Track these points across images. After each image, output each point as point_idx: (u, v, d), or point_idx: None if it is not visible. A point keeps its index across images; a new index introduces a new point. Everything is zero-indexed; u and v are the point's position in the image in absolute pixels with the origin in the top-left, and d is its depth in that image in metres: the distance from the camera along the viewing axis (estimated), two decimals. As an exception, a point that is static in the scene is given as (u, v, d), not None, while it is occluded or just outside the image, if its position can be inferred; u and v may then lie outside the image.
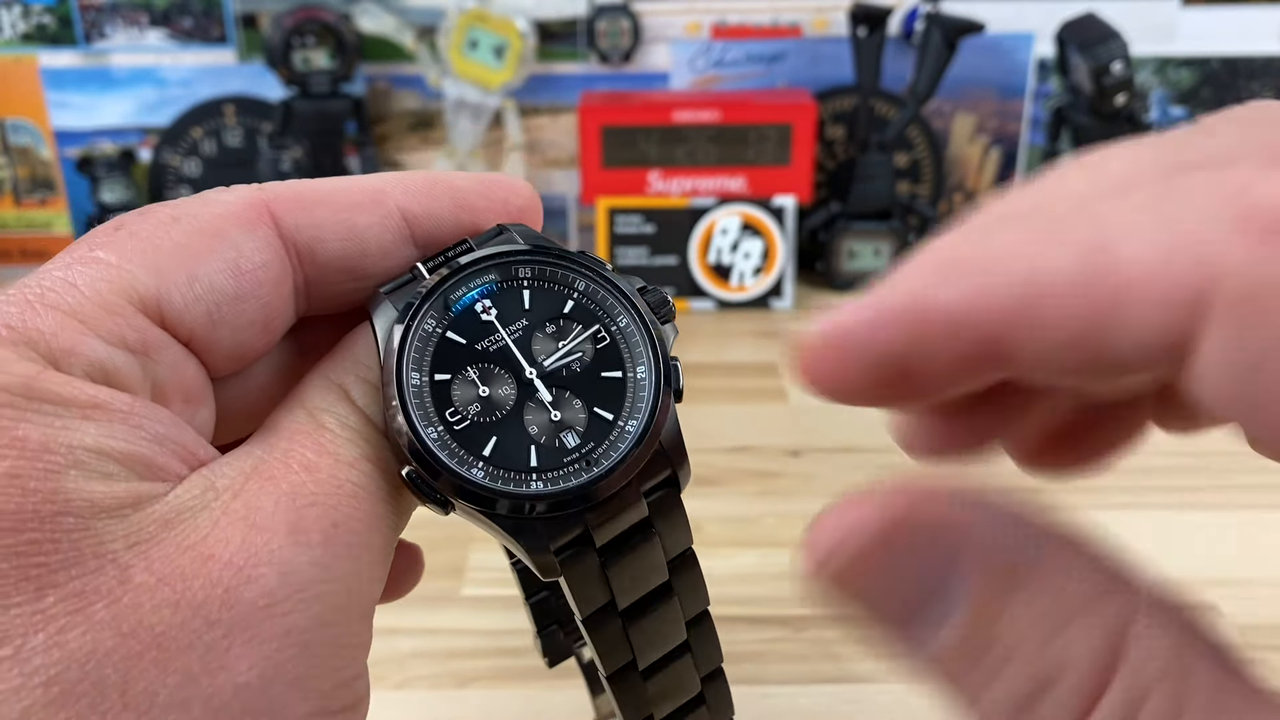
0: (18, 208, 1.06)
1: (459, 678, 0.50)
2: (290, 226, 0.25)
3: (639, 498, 0.25)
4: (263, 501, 0.21)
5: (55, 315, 0.21)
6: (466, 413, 0.24)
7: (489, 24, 0.98)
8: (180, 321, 0.23)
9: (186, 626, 0.19)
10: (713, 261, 0.97)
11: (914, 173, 1.05)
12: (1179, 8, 1.01)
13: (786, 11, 1.02)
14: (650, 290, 0.27)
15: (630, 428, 0.25)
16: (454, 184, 0.27)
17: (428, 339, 0.25)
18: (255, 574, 0.20)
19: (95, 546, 0.19)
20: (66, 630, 0.18)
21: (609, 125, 0.94)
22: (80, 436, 0.20)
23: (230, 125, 1.03)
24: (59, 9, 1.01)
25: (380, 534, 0.23)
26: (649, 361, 0.26)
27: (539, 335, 0.26)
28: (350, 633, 0.22)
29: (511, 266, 0.26)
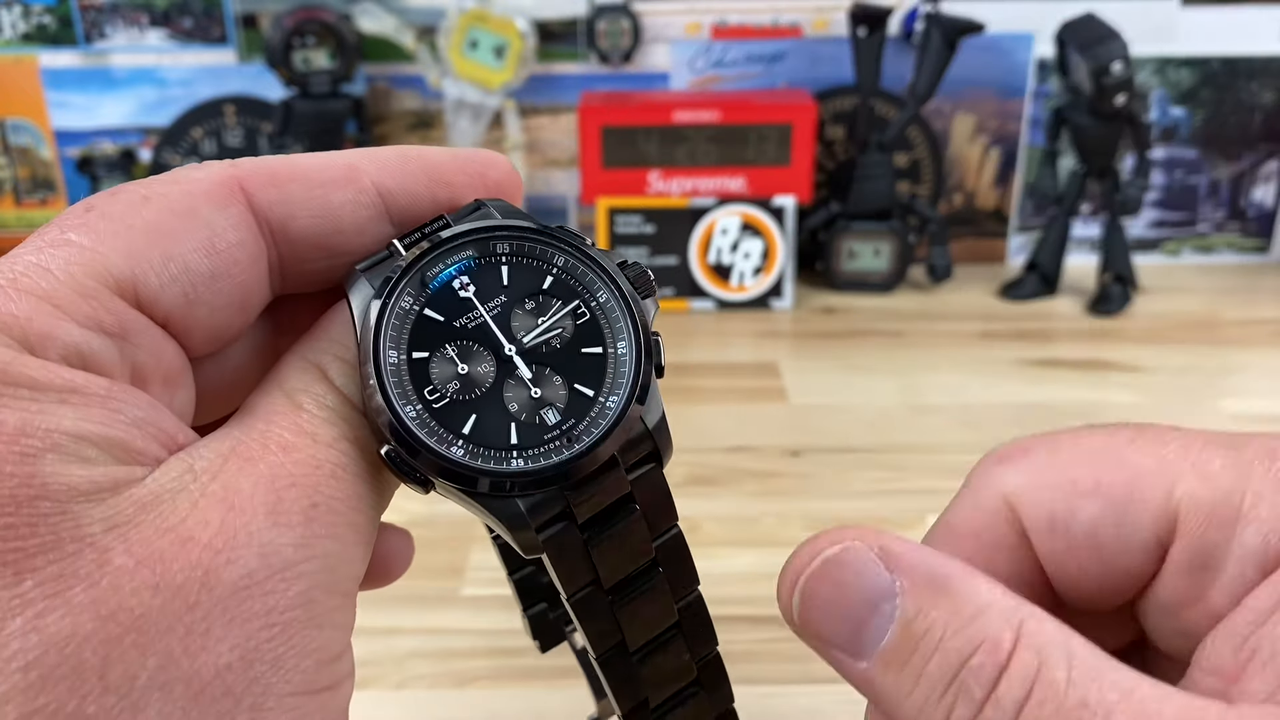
0: (18, 208, 1.06)
1: (459, 678, 0.50)
2: (263, 203, 0.25)
3: (621, 474, 0.25)
4: (241, 483, 0.21)
5: (29, 300, 0.21)
6: (445, 390, 0.24)
7: (489, 24, 0.98)
8: (156, 303, 0.23)
9: (166, 609, 0.19)
10: (713, 261, 0.97)
11: (914, 173, 1.05)
12: (1179, 8, 1.01)
13: (786, 11, 1.02)
14: (630, 265, 0.26)
15: (611, 403, 0.25)
16: (429, 159, 0.27)
17: (405, 316, 0.24)
18: (234, 555, 0.20)
19: (73, 530, 0.19)
20: (45, 614, 0.18)
21: (609, 125, 0.94)
22: (57, 421, 0.20)
23: (230, 125, 1.04)
24: (59, 9, 1.01)
25: (361, 513, 0.23)
26: (629, 336, 0.25)
27: (518, 312, 0.25)
28: (332, 612, 0.22)
29: (490, 242, 0.26)
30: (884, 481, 0.67)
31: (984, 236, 1.09)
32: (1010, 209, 1.08)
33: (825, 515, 0.63)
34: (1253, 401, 0.80)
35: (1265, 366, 0.86)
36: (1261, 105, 1.04)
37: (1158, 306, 0.98)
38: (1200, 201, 1.08)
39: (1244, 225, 1.08)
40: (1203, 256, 1.09)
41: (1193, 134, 1.05)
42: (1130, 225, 1.05)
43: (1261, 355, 0.88)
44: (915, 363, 0.86)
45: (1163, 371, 0.84)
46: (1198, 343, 0.90)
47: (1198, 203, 1.08)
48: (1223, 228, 1.09)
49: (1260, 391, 0.82)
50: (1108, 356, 0.87)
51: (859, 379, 0.83)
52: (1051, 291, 0.99)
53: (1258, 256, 1.09)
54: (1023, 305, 0.98)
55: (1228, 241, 1.09)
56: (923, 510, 0.63)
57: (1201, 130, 1.05)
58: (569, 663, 0.50)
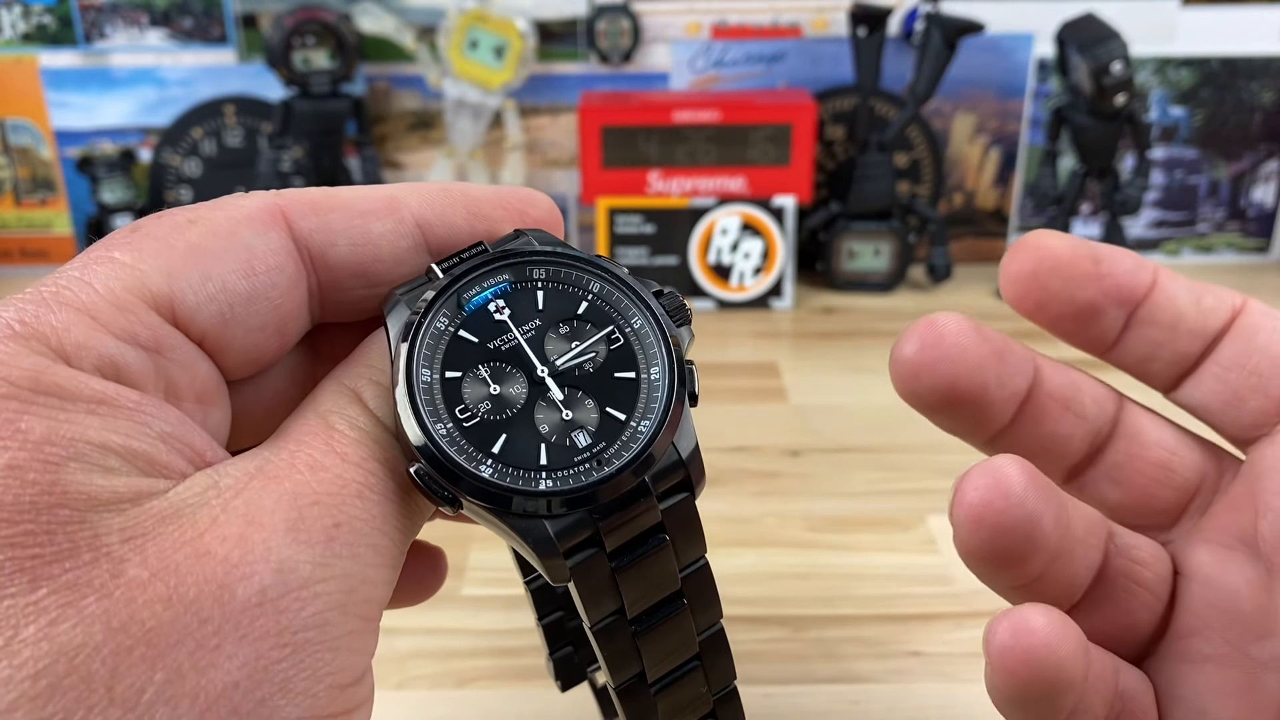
0: (18, 208, 1.06)
1: (459, 678, 0.50)
2: (304, 230, 0.25)
3: (652, 502, 0.24)
4: (264, 499, 0.21)
5: (68, 311, 0.21)
6: (477, 410, 0.24)
7: (489, 24, 0.98)
8: (193, 320, 0.23)
9: (178, 622, 0.19)
10: (713, 261, 0.97)
11: (914, 173, 1.05)
12: (1179, 8, 1.01)
13: (786, 11, 1.02)
14: (666, 294, 0.27)
15: (643, 428, 0.24)
16: (470, 194, 0.27)
17: (439, 336, 0.24)
18: (250, 570, 0.20)
19: (90, 540, 0.19)
20: (57, 623, 0.18)
21: (609, 125, 0.94)
22: (83, 430, 0.20)
23: (230, 125, 1.04)
24: (59, 9, 1.01)
25: (386, 535, 0.23)
26: (663, 363, 0.25)
27: (552, 335, 0.25)
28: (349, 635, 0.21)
29: (526, 267, 0.26)
30: (884, 481, 0.67)
31: (984, 236, 1.09)
32: (1010, 209, 1.08)
33: (825, 515, 0.63)
34: (1253, 401, 0.79)
35: (1265, 366, 0.86)
36: (1261, 105, 1.04)
37: (1158, 306, 0.97)
38: (1200, 201, 1.08)
39: (1244, 225, 1.08)
40: (1203, 256, 1.09)
41: (1193, 134, 1.05)
42: (1130, 225, 1.05)
43: (1262, 355, 0.88)
44: (915, 363, 0.86)
45: (1163, 371, 0.84)
46: (1198, 343, 0.90)
47: (1198, 203, 1.08)
48: (1223, 228, 1.09)
49: (1260, 391, 0.82)
50: (1108, 356, 0.87)
51: (859, 379, 0.83)
52: (1051, 291, 0.99)
53: (1258, 256, 1.09)
54: (1023, 305, 0.98)
55: (1228, 241, 1.09)
56: (923, 510, 0.63)
57: (1201, 130, 1.05)
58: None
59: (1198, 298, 0.27)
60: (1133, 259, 0.27)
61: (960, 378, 0.26)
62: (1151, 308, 0.27)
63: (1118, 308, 0.27)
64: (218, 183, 1.05)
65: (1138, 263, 0.27)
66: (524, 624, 0.54)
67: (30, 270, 1.07)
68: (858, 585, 0.56)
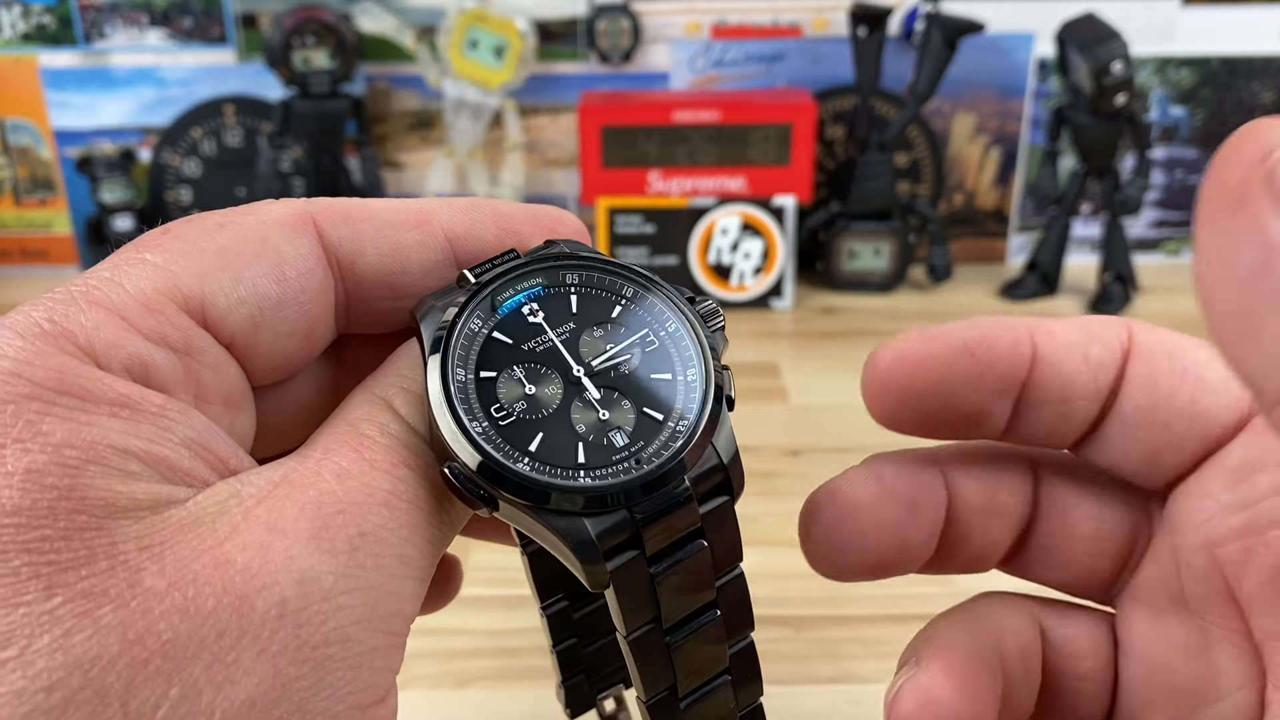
0: (18, 208, 1.06)
1: (459, 678, 0.50)
2: (333, 238, 0.25)
3: (694, 505, 0.24)
4: (287, 508, 0.20)
5: (98, 311, 0.21)
6: (512, 409, 0.24)
7: (489, 24, 0.98)
8: (223, 323, 0.23)
9: (194, 635, 0.18)
10: (713, 261, 0.97)
11: (914, 173, 1.05)
12: (1179, 8, 1.01)
13: (786, 11, 1.02)
14: (700, 300, 0.26)
15: (681, 428, 0.24)
16: (500, 209, 0.27)
17: (473, 338, 0.24)
18: (270, 581, 0.19)
19: (108, 547, 0.19)
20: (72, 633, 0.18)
21: (609, 125, 0.94)
22: (104, 434, 0.20)
23: (230, 125, 1.03)
24: (59, 9, 1.01)
25: (414, 545, 0.22)
26: (699, 365, 0.25)
27: (587, 337, 0.25)
28: (372, 652, 0.20)
29: (559, 271, 0.26)
30: (884, 481, 0.67)
31: (984, 236, 1.09)
32: (1010, 209, 1.08)
33: (825, 515, 0.63)
34: (1253, 401, 0.79)
35: (1265, 366, 0.86)
36: (1261, 105, 1.04)
37: (1158, 306, 0.98)
38: (1200, 201, 1.08)
39: (1244, 225, 1.08)
40: (1203, 256, 1.09)
41: (1193, 134, 1.05)
42: (1131, 225, 1.05)
43: (1262, 355, 0.88)
44: (915, 363, 0.86)
45: (1163, 371, 0.84)
46: (1198, 343, 0.90)
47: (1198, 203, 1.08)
48: (1223, 228, 1.08)
49: (1261, 391, 0.82)
50: (1108, 356, 0.87)
51: (859, 379, 0.83)
52: (1052, 291, 0.99)
53: (1258, 256, 1.09)
54: (1023, 305, 0.98)
55: (1228, 241, 1.09)
56: (923, 510, 0.63)
57: (1202, 130, 1.05)
58: (569, 663, 0.50)
59: (1084, 352, 0.26)
60: (1008, 333, 0.25)
61: (873, 552, 0.27)
62: (1037, 387, 0.26)
63: (1002, 398, 0.26)
64: (218, 183, 1.05)
65: (1013, 337, 0.25)
66: (524, 624, 0.54)
67: (30, 270, 1.07)
68: (858, 585, 0.56)
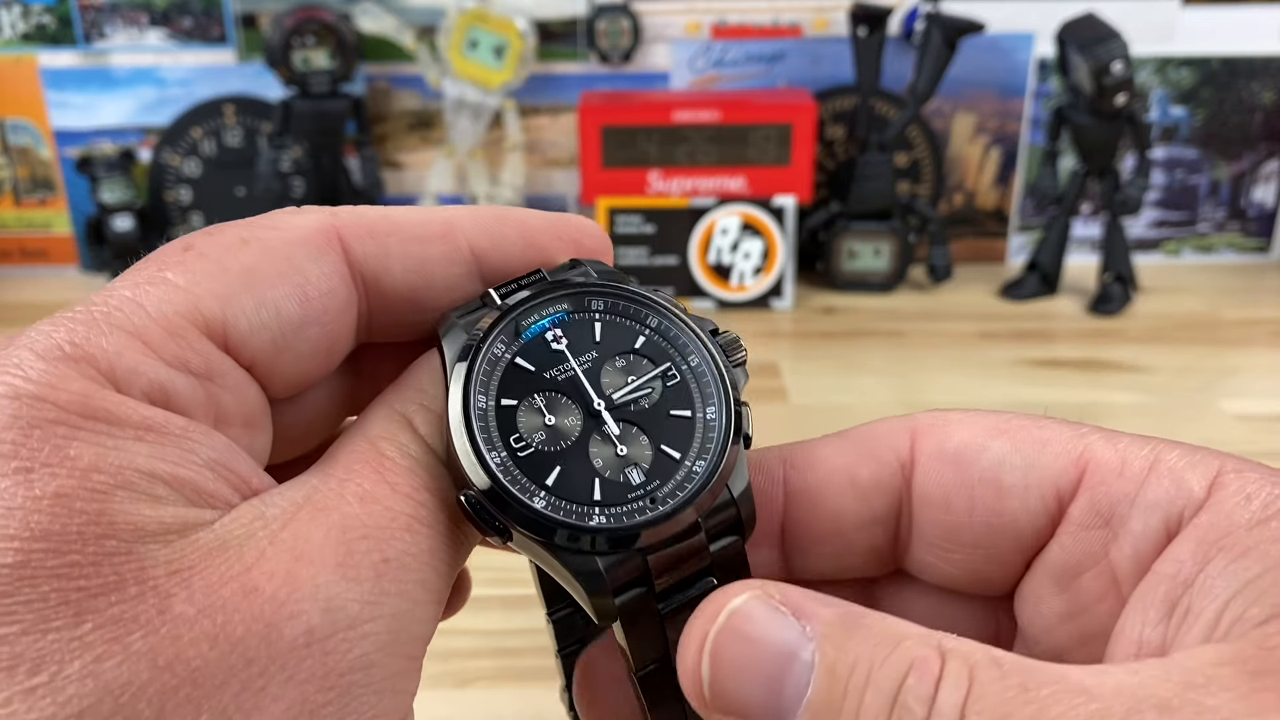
0: (17, 207, 1.06)
1: (459, 678, 0.50)
2: (359, 254, 0.25)
3: (704, 543, 0.24)
4: (312, 533, 0.21)
5: (119, 335, 0.21)
6: (531, 440, 0.23)
7: (489, 24, 0.98)
8: (244, 347, 0.23)
9: (223, 663, 0.19)
10: (713, 261, 0.97)
11: (914, 173, 1.05)
12: (1179, 8, 1.01)
13: (786, 11, 1.02)
14: (722, 333, 0.26)
15: (698, 468, 0.24)
16: (525, 221, 0.27)
17: (495, 363, 0.24)
18: (297, 610, 0.19)
19: (137, 572, 0.19)
20: (103, 659, 0.18)
21: (609, 125, 0.94)
22: (131, 458, 0.20)
23: (230, 125, 1.03)
24: (59, 9, 1.01)
25: (434, 570, 0.22)
26: (719, 403, 0.25)
27: (609, 368, 0.25)
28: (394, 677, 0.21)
29: (585, 297, 0.25)
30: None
31: (984, 236, 1.09)
32: (1010, 209, 1.08)
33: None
34: (1254, 401, 0.79)
35: (1266, 366, 0.86)
36: (1261, 105, 1.04)
37: (1158, 306, 0.98)
38: (1200, 201, 1.08)
39: (1244, 225, 1.08)
40: (1203, 256, 1.09)
41: (1193, 134, 1.05)
42: (1131, 225, 1.05)
43: (1262, 355, 0.88)
44: (915, 363, 0.86)
45: (1163, 372, 0.84)
46: (1198, 343, 0.90)
47: (1198, 202, 1.08)
48: (1223, 227, 1.08)
49: (1261, 391, 0.82)
50: (1108, 356, 0.87)
51: (859, 379, 0.83)
52: (1052, 291, 0.99)
53: (1258, 256, 1.09)
54: (1023, 305, 0.98)
55: (1228, 241, 1.09)
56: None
57: (1202, 130, 1.05)
58: (569, 663, 0.50)
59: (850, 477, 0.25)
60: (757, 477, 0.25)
61: None
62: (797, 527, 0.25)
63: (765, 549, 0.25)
64: (217, 183, 1.05)
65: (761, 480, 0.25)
66: (524, 624, 0.54)
67: (30, 270, 1.07)
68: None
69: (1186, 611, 0.20)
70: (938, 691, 0.18)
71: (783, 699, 0.20)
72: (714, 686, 0.21)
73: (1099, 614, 0.23)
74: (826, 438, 0.26)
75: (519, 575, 0.38)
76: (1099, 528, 0.23)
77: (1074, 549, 0.23)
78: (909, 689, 0.19)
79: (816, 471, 0.25)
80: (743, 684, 0.21)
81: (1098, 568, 0.23)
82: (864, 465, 0.25)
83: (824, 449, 0.26)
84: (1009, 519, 0.24)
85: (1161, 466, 0.22)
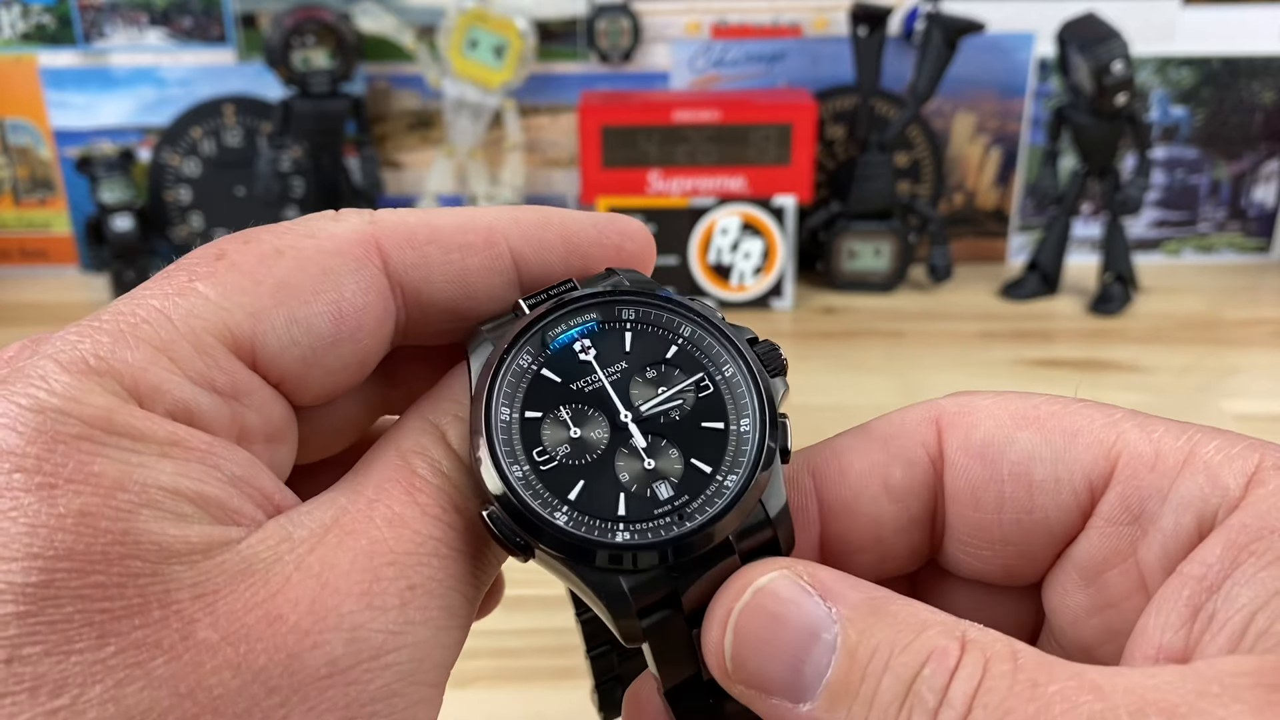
0: (17, 207, 1.06)
1: (459, 678, 0.50)
2: (398, 266, 0.24)
3: (735, 562, 0.23)
4: (339, 558, 0.20)
5: (145, 350, 0.20)
6: (555, 453, 0.23)
7: (489, 24, 0.98)
8: (273, 364, 0.22)
9: (245, 692, 0.18)
10: (713, 261, 0.97)
11: (914, 173, 1.05)
12: (1179, 7, 1.01)
13: (786, 11, 1.02)
14: (760, 342, 0.25)
15: (729, 483, 0.23)
16: (568, 226, 0.26)
17: (521, 375, 0.23)
18: (321, 639, 0.19)
19: (161, 595, 0.18)
20: (125, 684, 0.18)
21: (609, 125, 0.94)
22: (155, 475, 0.19)
23: (230, 125, 1.03)
24: (58, 9, 1.01)
25: (460, 594, 0.22)
26: (754, 415, 0.24)
27: (638, 379, 0.24)
28: (415, 705, 0.20)
29: (615, 307, 0.25)
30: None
31: (984, 236, 1.09)
32: (1011, 209, 1.07)
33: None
34: (1254, 401, 0.79)
35: (1266, 366, 0.86)
36: (1262, 105, 1.04)
37: (1158, 306, 0.98)
38: (1201, 201, 1.08)
39: (1245, 225, 1.08)
40: (1203, 256, 1.09)
41: (1193, 134, 1.05)
42: (1131, 225, 1.05)
43: (1262, 355, 0.88)
44: (915, 363, 0.86)
45: (1163, 371, 0.84)
46: (1199, 343, 0.90)
47: (1198, 202, 1.08)
48: (1224, 227, 1.08)
49: (1261, 391, 0.82)
50: (1108, 356, 0.87)
51: (859, 379, 0.83)
52: (1052, 291, 0.99)
53: (1259, 256, 1.09)
54: (1023, 305, 0.98)
55: (1229, 241, 1.09)
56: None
57: (1202, 130, 1.05)
58: (569, 663, 0.50)
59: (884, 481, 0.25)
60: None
61: None
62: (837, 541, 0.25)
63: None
64: (217, 182, 1.05)
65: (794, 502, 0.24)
66: (524, 625, 0.53)
67: (30, 270, 1.07)
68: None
69: (1211, 618, 0.19)
70: (951, 681, 0.19)
71: (803, 677, 0.20)
72: (736, 659, 0.21)
73: (1126, 610, 0.23)
74: (849, 437, 0.26)
75: (519, 576, 0.38)
76: (1128, 524, 0.22)
77: (1102, 545, 0.23)
78: (924, 678, 0.19)
79: (848, 480, 0.25)
80: (765, 660, 0.21)
81: (1125, 564, 0.23)
82: (895, 467, 0.25)
83: (850, 453, 0.25)
84: (1039, 515, 0.24)
85: (1197, 460, 0.22)
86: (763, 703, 0.21)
